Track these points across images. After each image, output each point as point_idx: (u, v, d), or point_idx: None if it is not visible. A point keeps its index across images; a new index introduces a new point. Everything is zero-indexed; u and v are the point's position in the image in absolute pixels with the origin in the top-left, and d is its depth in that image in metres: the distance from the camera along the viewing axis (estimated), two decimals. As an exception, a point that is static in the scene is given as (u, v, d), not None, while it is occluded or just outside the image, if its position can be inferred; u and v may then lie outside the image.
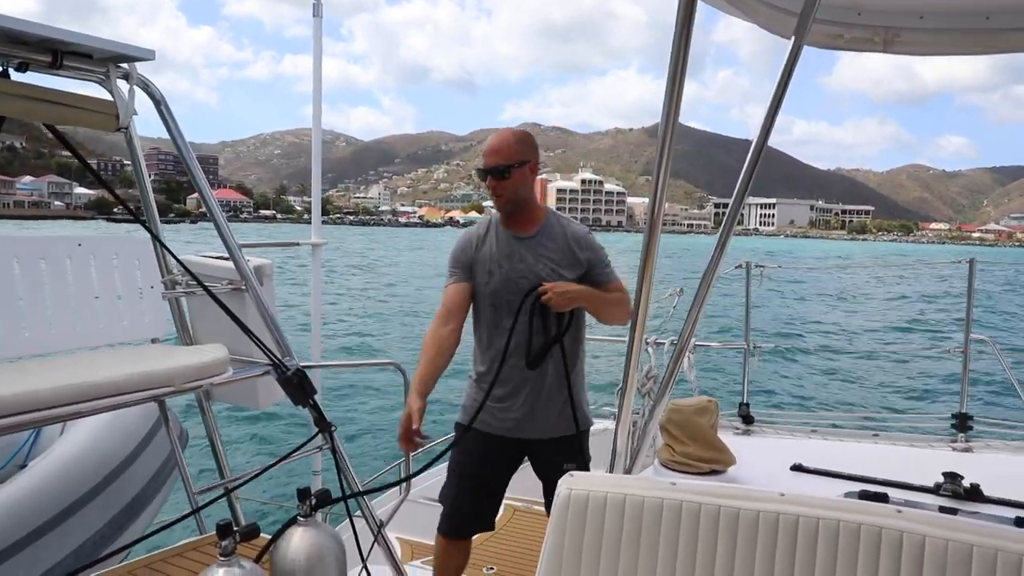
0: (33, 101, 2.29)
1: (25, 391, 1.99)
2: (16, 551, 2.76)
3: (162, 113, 2.58)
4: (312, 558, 2.09)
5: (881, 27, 2.35)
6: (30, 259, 2.53)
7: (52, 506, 2.96)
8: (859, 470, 3.05)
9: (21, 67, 2.28)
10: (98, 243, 2.76)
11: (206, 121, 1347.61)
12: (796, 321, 25.27)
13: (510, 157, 2.57)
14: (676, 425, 3.16)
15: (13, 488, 2.94)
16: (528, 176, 2.62)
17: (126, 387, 2.24)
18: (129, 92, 2.48)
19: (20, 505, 2.87)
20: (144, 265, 2.84)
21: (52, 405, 2.04)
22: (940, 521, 1.44)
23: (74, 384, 2.10)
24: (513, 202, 2.63)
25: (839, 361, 16.42)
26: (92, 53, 2.37)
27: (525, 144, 2.63)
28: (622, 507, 1.65)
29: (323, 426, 2.92)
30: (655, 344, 4.01)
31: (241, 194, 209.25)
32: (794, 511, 1.52)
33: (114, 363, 2.33)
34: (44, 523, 2.90)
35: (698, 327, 2.20)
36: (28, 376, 2.11)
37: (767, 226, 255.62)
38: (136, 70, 2.48)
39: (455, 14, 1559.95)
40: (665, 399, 2.30)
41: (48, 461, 3.13)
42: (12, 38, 2.20)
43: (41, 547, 2.85)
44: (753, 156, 2.03)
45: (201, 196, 2.73)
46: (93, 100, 2.42)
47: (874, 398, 13.38)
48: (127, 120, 2.51)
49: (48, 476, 3.04)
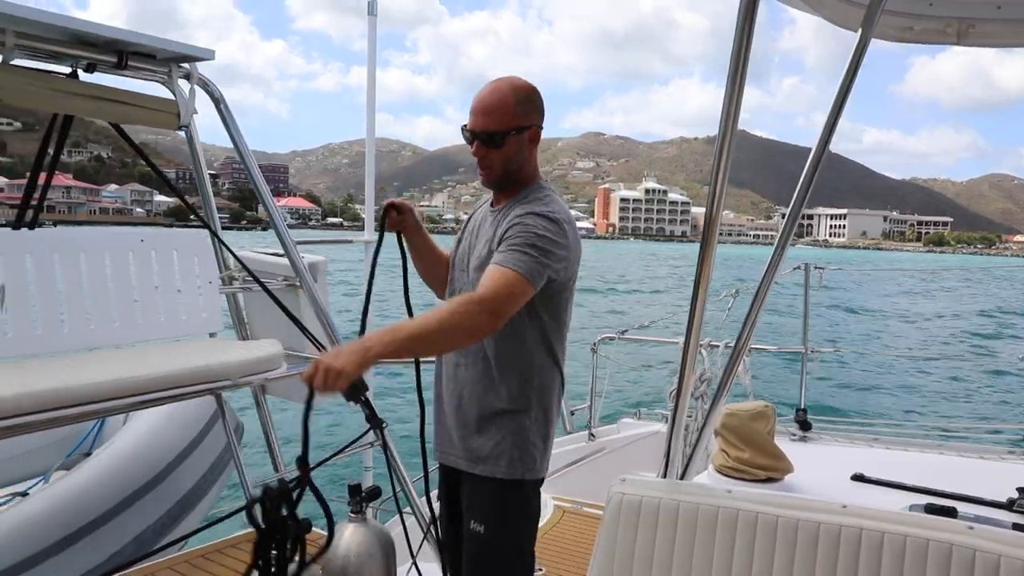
0: (100, 100, 2.38)
1: (90, 383, 2.06)
2: (81, 536, 2.85)
3: (221, 111, 2.65)
4: (362, 555, 2.10)
5: (955, 18, 2.24)
6: (95, 253, 2.61)
7: (115, 495, 3.05)
8: (925, 482, 2.91)
9: (89, 68, 2.37)
10: (159, 239, 2.84)
11: (277, 131, 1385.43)
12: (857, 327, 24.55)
13: (505, 121, 1.94)
14: (731, 430, 3.07)
15: (79, 477, 3.04)
16: (526, 146, 2.00)
17: (186, 380, 2.30)
18: (190, 91, 2.56)
19: (85, 493, 2.97)
20: (203, 261, 2.92)
21: (116, 396, 2.11)
22: (1017, 540, 1.36)
23: (136, 377, 2.16)
24: (502, 177, 2.02)
25: (903, 368, 15.84)
26: (155, 53, 2.44)
27: (530, 103, 1.99)
28: (676, 513, 1.61)
29: (375, 423, 2.94)
30: (709, 346, 3.92)
31: (310, 202, 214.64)
32: (857, 523, 1.46)
33: (174, 357, 2.40)
34: (107, 511, 2.99)
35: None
36: (93, 368, 2.18)
37: (837, 237, 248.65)
38: (197, 69, 2.56)
39: (516, 25, 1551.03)
40: (721, 403, 2.23)
41: (112, 451, 3.23)
42: (81, 40, 2.29)
43: (104, 534, 2.94)
44: (816, 155, 1.97)
45: (257, 192, 2.78)
46: (155, 99, 2.51)
47: (940, 407, 12.84)
48: (188, 118, 2.58)
49: (112, 465, 3.14)
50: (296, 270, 2.87)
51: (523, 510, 2.02)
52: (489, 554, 2.00)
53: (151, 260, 2.78)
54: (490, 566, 2.01)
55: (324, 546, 1.76)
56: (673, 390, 4.00)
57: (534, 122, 2.01)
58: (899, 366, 15.74)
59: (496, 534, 1.98)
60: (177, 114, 2.54)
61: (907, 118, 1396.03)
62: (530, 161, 2.04)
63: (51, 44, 2.24)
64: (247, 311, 3.16)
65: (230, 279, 3.04)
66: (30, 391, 1.93)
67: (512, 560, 2.04)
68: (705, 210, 1.93)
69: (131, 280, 2.71)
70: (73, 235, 2.61)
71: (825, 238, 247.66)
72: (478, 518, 2.00)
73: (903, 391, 14.34)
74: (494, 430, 1.99)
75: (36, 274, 2.45)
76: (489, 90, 1.98)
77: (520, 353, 2.00)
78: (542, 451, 2.03)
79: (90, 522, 2.88)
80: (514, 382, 2.00)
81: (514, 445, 1.98)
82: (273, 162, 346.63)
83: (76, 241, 2.58)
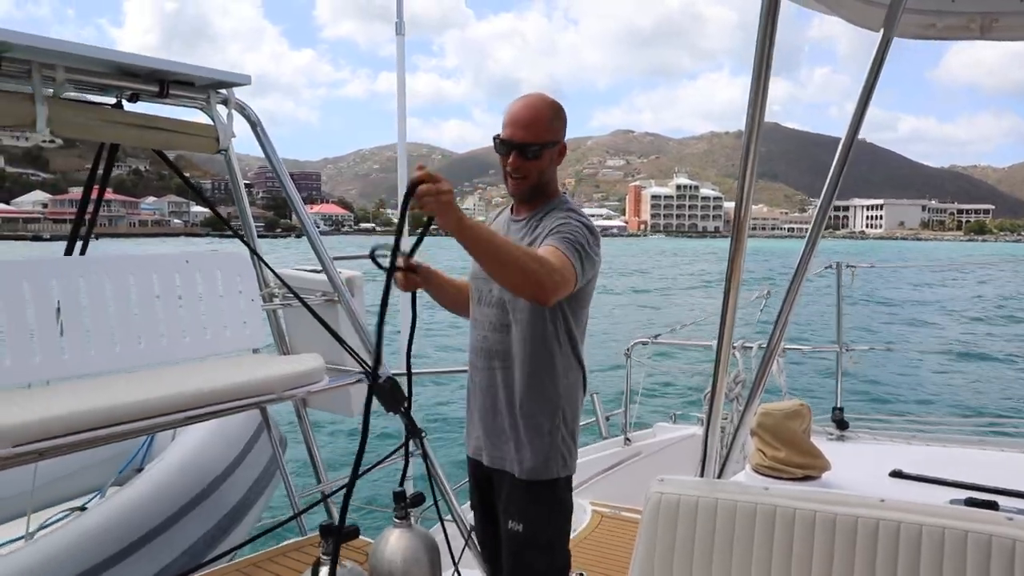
0: (144, 129, 2.49)
1: (141, 400, 2.15)
2: (137, 548, 2.96)
3: (258, 135, 2.73)
4: (408, 560, 2.16)
5: (978, 13, 2.24)
6: (143, 275, 2.72)
7: (167, 508, 3.16)
8: (964, 477, 2.88)
9: (132, 98, 2.47)
10: (203, 259, 2.94)
11: (309, 139, 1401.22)
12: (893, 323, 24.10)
13: (543, 135, 2.05)
14: (767, 430, 3.07)
15: (132, 491, 3.15)
16: (555, 160, 2.12)
17: (232, 395, 2.38)
18: (228, 116, 2.65)
19: (139, 507, 3.08)
20: (244, 279, 3.01)
21: (166, 412, 2.20)
22: None
23: (184, 393, 2.25)
24: (535, 188, 2.11)
25: (940, 364, 15.50)
26: (194, 81, 2.54)
27: (558, 120, 2.10)
28: (714, 512, 1.63)
29: (414, 432, 3.00)
30: (742, 348, 3.91)
31: (342, 208, 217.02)
32: (895, 517, 1.47)
33: (219, 373, 2.48)
34: (160, 523, 3.09)
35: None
36: (144, 386, 2.27)
37: (874, 228, 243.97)
38: (234, 95, 2.65)
39: (542, 26, 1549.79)
40: (756, 403, 2.24)
41: (162, 465, 3.34)
42: (125, 71, 2.39)
43: (158, 546, 3.04)
44: (843, 151, 1.97)
45: (295, 210, 2.87)
46: (195, 125, 2.60)
47: (980, 403, 12.55)
48: (227, 142, 2.67)
49: (163, 480, 3.25)
50: (334, 285, 2.95)
51: (557, 507, 2.12)
52: (529, 552, 2.11)
53: (195, 280, 2.88)
54: (530, 563, 2.12)
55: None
56: (707, 392, 4.00)
57: (562, 138, 2.12)
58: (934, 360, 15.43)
59: (534, 533, 2.09)
60: (216, 138, 2.64)
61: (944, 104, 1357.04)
62: (555, 176, 2.17)
63: (98, 77, 2.35)
64: (287, 326, 3.25)
65: (270, 296, 3.13)
66: (86, 409, 2.02)
67: (551, 556, 2.14)
68: (735, 209, 1.92)
69: (177, 300, 2.81)
70: (122, 260, 2.71)
71: (862, 229, 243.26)
72: (516, 517, 2.10)
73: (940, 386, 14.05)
74: (524, 431, 2.09)
75: (89, 297, 2.56)
76: (525, 103, 2.07)
77: (548, 355, 2.09)
78: (571, 449, 2.13)
79: (145, 534, 2.98)
80: (543, 383, 2.09)
81: (545, 445, 2.08)
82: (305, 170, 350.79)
83: (125, 265, 2.69)
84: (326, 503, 3.21)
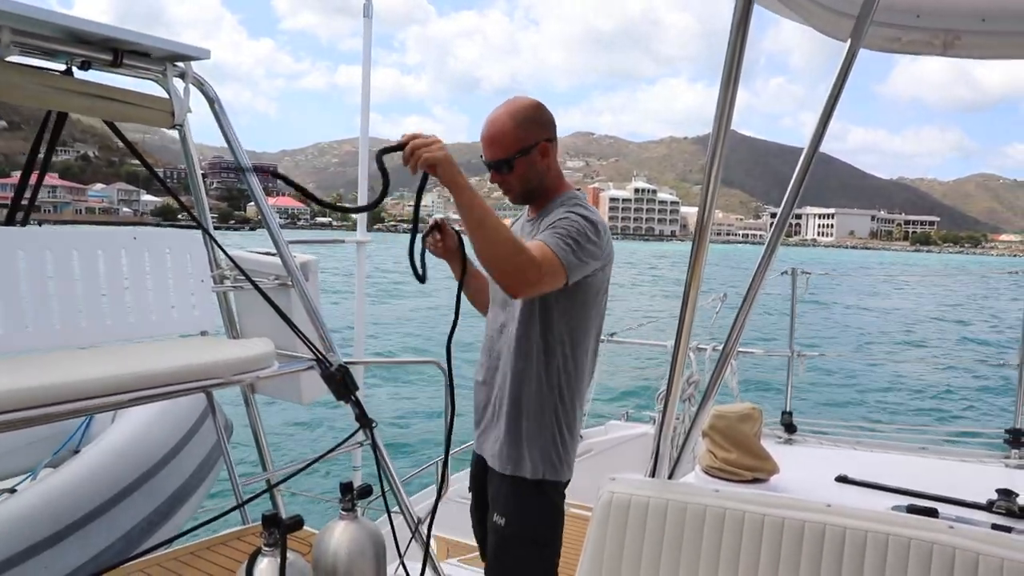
0: (95, 98, 2.38)
1: (79, 379, 2.05)
2: (70, 533, 2.85)
3: (215, 111, 2.65)
4: (354, 552, 2.12)
5: (941, 29, 2.28)
6: (88, 250, 2.61)
7: (103, 492, 3.05)
8: (906, 484, 2.96)
9: (84, 65, 2.37)
10: (152, 236, 2.84)
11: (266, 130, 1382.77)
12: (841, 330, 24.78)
13: (510, 147, 2.06)
14: (719, 432, 3.11)
15: (67, 473, 3.04)
16: (539, 162, 2.10)
17: (177, 378, 2.30)
18: (184, 90, 2.56)
19: (73, 490, 2.97)
20: (195, 259, 2.92)
21: (106, 394, 2.11)
22: (995, 539, 1.39)
23: (126, 374, 2.16)
24: (524, 194, 2.16)
25: (886, 372, 16.02)
26: (150, 52, 2.44)
27: (529, 122, 2.07)
28: (664, 513, 1.64)
29: (364, 422, 2.95)
30: (696, 350, 3.96)
31: (299, 202, 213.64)
32: (841, 523, 1.49)
33: (165, 354, 2.40)
34: (95, 508, 2.99)
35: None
36: (82, 365, 2.18)
37: (825, 237, 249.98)
38: (192, 69, 2.56)
39: (504, 25, 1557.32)
40: (709, 405, 2.26)
41: (100, 448, 3.23)
42: (77, 37, 2.29)
43: (92, 531, 2.94)
44: (805, 161, 2.00)
45: (247, 186, 2.79)
46: (150, 97, 2.51)
47: (922, 412, 13.01)
48: (182, 117, 2.58)
49: (100, 463, 3.14)
50: (288, 269, 2.88)
51: (544, 509, 2.13)
52: (509, 547, 2.13)
53: (143, 258, 2.78)
54: (510, 558, 2.14)
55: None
56: (661, 393, 4.05)
57: (540, 137, 2.09)
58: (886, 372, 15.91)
59: (516, 529, 2.11)
60: (172, 112, 2.54)
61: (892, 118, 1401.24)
62: (549, 172, 2.15)
63: (46, 41, 2.23)
64: (238, 310, 3.17)
65: (221, 278, 3.04)
66: (20, 387, 1.93)
67: (531, 554, 2.13)
68: (697, 214, 1.93)
69: (123, 278, 2.71)
70: (66, 233, 2.61)
71: (813, 237, 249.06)
72: (500, 511, 2.14)
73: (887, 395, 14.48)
74: (520, 432, 2.11)
75: (28, 271, 2.45)
76: (489, 121, 2.10)
77: (539, 354, 2.09)
78: (563, 455, 2.13)
79: (79, 519, 2.88)
80: (531, 383, 2.11)
81: (536, 447, 2.10)
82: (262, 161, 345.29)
83: (69, 239, 2.58)
84: (272, 492, 3.14)
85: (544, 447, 2.10)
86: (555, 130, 2.15)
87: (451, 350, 2.05)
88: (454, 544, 3.68)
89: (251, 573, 1.85)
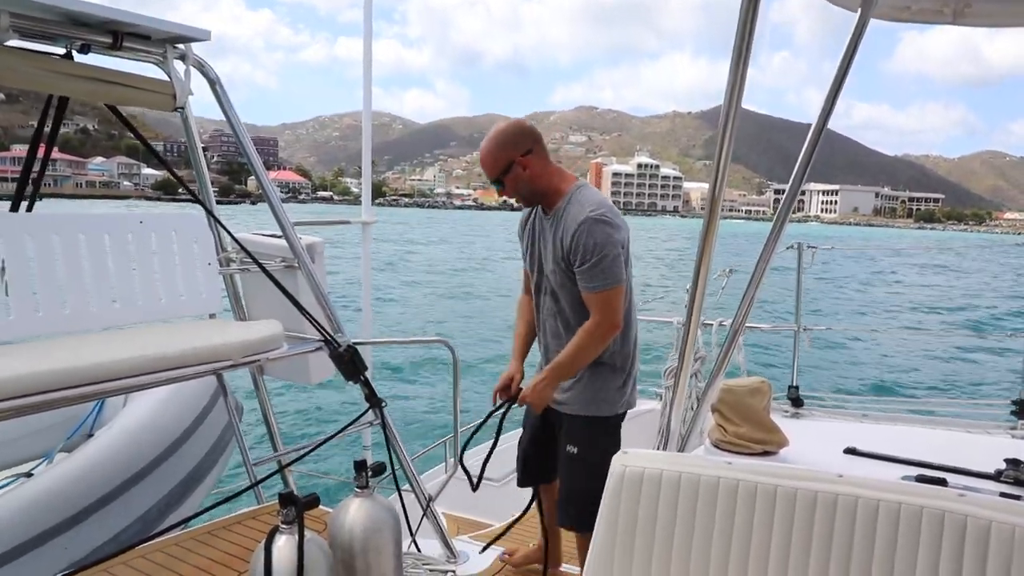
0: (95, 82, 2.38)
1: (92, 363, 2.07)
2: (87, 516, 2.88)
3: (217, 93, 2.64)
4: (368, 528, 2.15)
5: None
6: (95, 235, 2.62)
7: (119, 474, 3.07)
8: (914, 455, 2.97)
9: (83, 49, 2.35)
10: (158, 221, 2.84)
11: (266, 104, 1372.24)
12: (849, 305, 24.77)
13: (496, 168, 2.50)
14: (728, 406, 3.12)
15: (82, 457, 3.06)
16: (522, 174, 2.50)
17: (187, 360, 2.31)
18: (185, 72, 2.55)
19: (90, 473, 2.99)
20: (201, 242, 2.92)
21: (119, 377, 2.12)
22: (1006, 506, 1.40)
23: (138, 357, 2.18)
24: (529, 198, 2.59)
25: (893, 345, 16.01)
26: (151, 34, 2.43)
27: (507, 144, 2.49)
28: (677, 484, 1.65)
29: (374, 402, 2.97)
30: (703, 325, 3.96)
31: (300, 176, 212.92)
32: (853, 493, 1.50)
33: (175, 337, 2.41)
34: (112, 490, 3.01)
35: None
36: (95, 349, 2.19)
37: (829, 213, 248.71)
38: (192, 51, 2.54)
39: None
40: (719, 379, 2.28)
41: (114, 431, 3.24)
42: (75, 20, 2.27)
43: (110, 512, 2.97)
44: (814, 134, 1.99)
45: (255, 173, 2.79)
46: (151, 80, 2.49)
47: (930, 384, 13.03)
48: (184, 100, 2.57)
49: (114, 445, 3.16)
50: (294, 251, 2.89)
51: (605, 437, 2.61)
52: (580, 467, 2.61)
53: (150, 242, 2.78)
54: (581, 476, 2.59)
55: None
56: (669, 368, 4.06)
57: (517, 154, 2.49)
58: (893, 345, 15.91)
59: (586, 454, 2.60)
60: (173, 95, 2.53)
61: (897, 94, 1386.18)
62: (542, 177, 2.54)
63: (46, 25, 2.22)
64: (244, 292, 3.17)
65: (228, 261, 3.04)
66: (33, 372, 1.94)
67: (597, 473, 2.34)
68: (708, 191, 1.95)
69: (131, 262, 2.72)
70: (73, 218, 2.60)
71: (817, 214, 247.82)
72: (572, 443, 2.63)
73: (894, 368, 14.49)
74: (579, 380, 2.60)
75: (37, 256, 2.45)
76: (481, 150, 2.54)
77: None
78: (616, 395, 2.62)
79: (96, 501, 2.90)
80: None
81: (594, 391, 2.60)
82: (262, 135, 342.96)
83: (76, 223, 2.58)
84: (283, 472, 3.17)
85: (599, 390, 2.60)
86: (534, 141, 2.52)
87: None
88: (463, 521, 3.71)
89: (270, 550, 1.87)
